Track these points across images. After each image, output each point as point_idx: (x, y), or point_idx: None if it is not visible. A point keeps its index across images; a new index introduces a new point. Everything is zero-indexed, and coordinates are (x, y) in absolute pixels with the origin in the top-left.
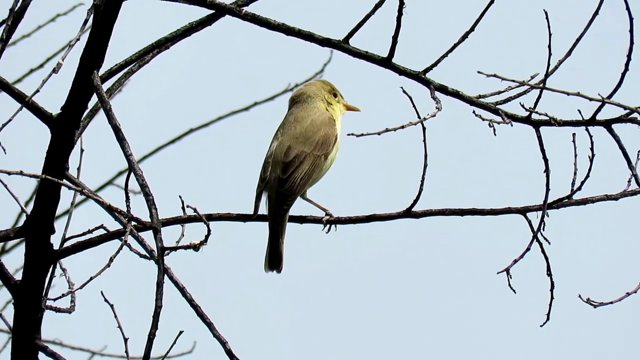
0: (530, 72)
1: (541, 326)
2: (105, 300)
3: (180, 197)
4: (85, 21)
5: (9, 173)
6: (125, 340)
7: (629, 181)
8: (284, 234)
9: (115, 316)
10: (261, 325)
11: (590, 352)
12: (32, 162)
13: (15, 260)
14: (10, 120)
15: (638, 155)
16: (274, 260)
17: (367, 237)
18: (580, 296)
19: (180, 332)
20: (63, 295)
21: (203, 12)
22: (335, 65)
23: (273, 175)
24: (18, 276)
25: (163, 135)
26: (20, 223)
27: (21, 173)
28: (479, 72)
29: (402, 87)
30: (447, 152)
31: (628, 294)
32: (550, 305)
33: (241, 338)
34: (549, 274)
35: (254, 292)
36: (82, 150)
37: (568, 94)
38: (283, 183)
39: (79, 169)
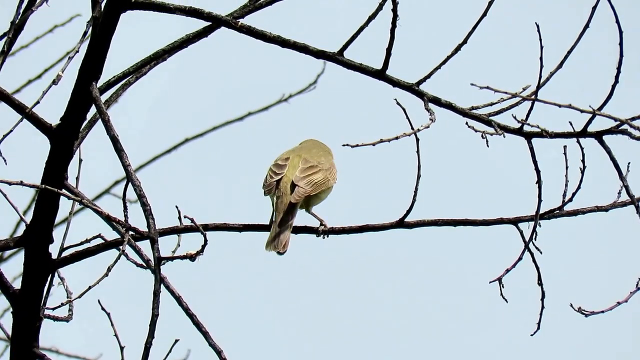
0: (523, 82)
1: (532, 335)
2: (102, 308)
3: (177, 207)
4: (85, 33)
5: (10, 183)
6: (122, 348)
7: (619, 192)
8: (293, 221)
9: (112, 324)
10: (256, 334)
11: None
12: (30, 171)
13: (12, 269)
14: (11, 131)
15: (628, 166)
16: (277, 242)
17: (361, 247)
18: (571, 305)
19: (176, 341)
20: (62, 304)
21: (199, 24)
22: (328, 76)
23: (291, 171)
24: (15, 284)
25: (159, 145)
26: (19, 231)
27: (21, 183)
28: (472, 84)
29: (395, 99)
30: (440, 162)
31: (619, 303)
32: (541, 314)
33: (236, 347)
34: (540, 284)
35: (249, 301)
36: (80, 160)
37: (560, 105)
38: (301, 179)
39: (77, 178)
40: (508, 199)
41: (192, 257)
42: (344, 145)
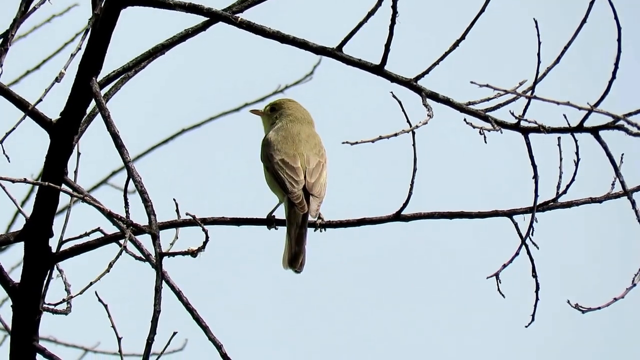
0: (519, 77)
1: (526, 327)
2: (100, 300)
3: (175, 200)
4: (87, 30)
5: (13, 181)
6: (119, 339)
7: (613, 184)
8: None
9: (109, 316)
10: (255, 328)
11: (579, 356)
12: (27, 163)
13: (10, 259)
14: (13, 128)
15: (621, 158)
16: (297, 260)
17: (358, 240)
18: (568, 301)
19: (174, 334)
20: (64, 300)
21: (197, 18)
22: (325, 69)
23: (305, 179)
24: (13, 275)
25: (155, 136)
26: (17, 222)
27: (25, 181)
28: (471, 82)
29: (392, 92)
30: (436, 156)
31: (615, 299)
32: (535, 306)
33: (236, 341)
34: (535, 276)
35: (248, 295)
36: (79, 154)
37: (558, 103)
38: (312, 188)
39: (75, 172)
40: (502, 191)
41: (193, 253)
42: (343, 142)
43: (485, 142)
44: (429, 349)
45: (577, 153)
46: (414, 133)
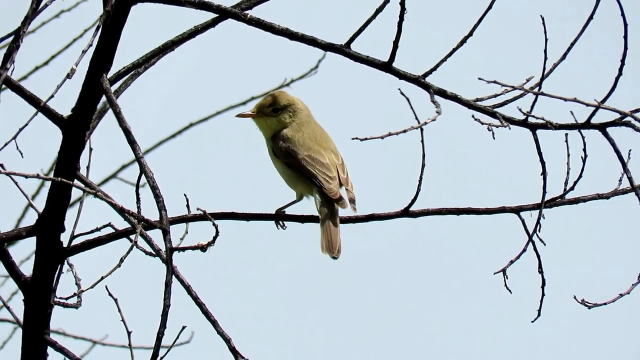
0: (527, 73)
1: (532, 322)
2: (110, 294)
3: (185, 195)
4: (97, 27)
5: (26, 176)
6: (129, 333)
7: (620, 180)
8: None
9: (119, 310)
10: (263, 322)
11: (586, 351)
12: (39, 159)
13: (22, 253)
14: (26, 124)
15: (629, 155)
16: (334, 247)
17: (367, 235)
18: (575, 297)
19: (183, 328)
20: (75, 294)
21: (206, 15)
22: (331, 62)
23: (339, 175)
24: (25, 269)
25: (163, 130)
26: (27, 218)
27: (38, 176)
28: (479, 78)
29: (399, 89)
30: (444, 152)
31: (621, 295)
32: (541, 301)
33: (244, 335)
34: (541, 272)
35: (255, 290)
36: (90, 150)
37: (565, 99)
38: (347, 182)
39: (88, 167)
40: (510, 188)
41: (203, 248)
42: (353, 138)
43: (494, 138)
44: (435, 343)
45: (584, 149)
46: (422, 130)
